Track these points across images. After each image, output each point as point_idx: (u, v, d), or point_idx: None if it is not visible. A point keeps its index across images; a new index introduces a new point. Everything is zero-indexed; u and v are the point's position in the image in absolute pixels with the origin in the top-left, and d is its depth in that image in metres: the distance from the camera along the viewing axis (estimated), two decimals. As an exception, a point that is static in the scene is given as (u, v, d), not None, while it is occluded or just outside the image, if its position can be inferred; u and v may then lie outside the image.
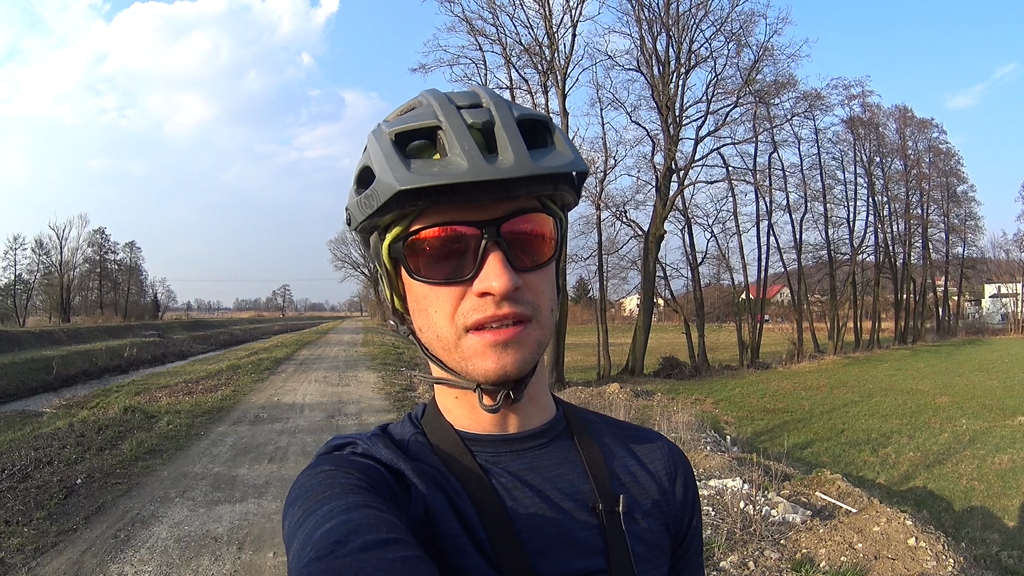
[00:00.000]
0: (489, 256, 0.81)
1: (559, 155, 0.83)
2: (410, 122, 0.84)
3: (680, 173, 33.71)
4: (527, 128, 0.85)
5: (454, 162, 0.79)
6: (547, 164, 0.81)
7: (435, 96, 0.86)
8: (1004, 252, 62.13)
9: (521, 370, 0.84)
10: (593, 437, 1.00)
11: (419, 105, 0.88)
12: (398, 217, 0.85)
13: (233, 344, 54.93)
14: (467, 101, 0.85)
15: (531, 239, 0.85)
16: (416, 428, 0.96)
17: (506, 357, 0.83)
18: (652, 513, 0.96)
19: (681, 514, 1.01)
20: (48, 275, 63.74)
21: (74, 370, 29.99)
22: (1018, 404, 19.85)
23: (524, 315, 0.83)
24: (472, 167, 0.77)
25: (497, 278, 0.80)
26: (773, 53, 33.62)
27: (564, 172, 0.82)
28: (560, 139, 0.86)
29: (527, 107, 0.89)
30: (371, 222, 0.86)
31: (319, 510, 0.74)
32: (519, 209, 0.84)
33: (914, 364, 33.94)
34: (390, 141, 0.82)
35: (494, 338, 0.82)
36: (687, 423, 13.84)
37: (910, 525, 6.54)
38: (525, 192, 0.82)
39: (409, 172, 0.79)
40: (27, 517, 6.63)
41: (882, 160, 44.55)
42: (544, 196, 0.87)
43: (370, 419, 12.63)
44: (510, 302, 0.82)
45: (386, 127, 0.85)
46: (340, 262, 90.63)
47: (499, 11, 30.73)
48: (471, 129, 0.81)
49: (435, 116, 0.83)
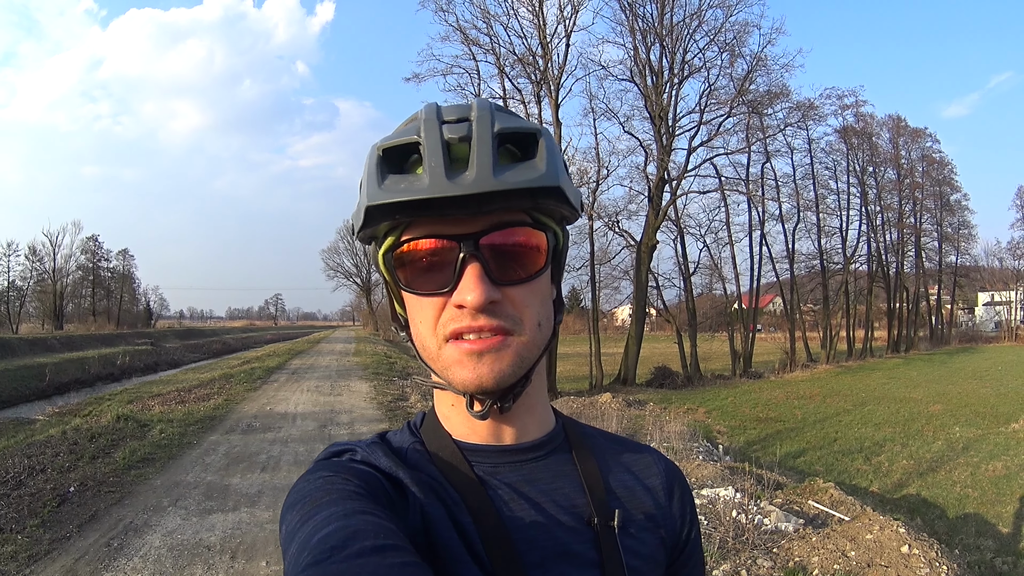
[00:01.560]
0: (467, 269, 0.82)
1: (529, 169, 0.83)
2: (396, 138, 0.87)
3: (673, 183, 33.76)
4: (514, 141, 0.87)
5: (421, 178, 0.81)
6: (509, 179, 0.80)
7: (427, 110, 0.87)
8: (998, 260, 62.46)
9: (499, 382, 0.85)
10: (591, 451, 1.01)
11: (414, 119, 0.89)
12: (391, 228, 0.87)
13: (225, 353, 54.76)
14: (455, 115, 0.86)
15: (515, 253, 0.86)
16: (415, 437, 0.97)
17: (482, 367, 0.84)
18: (648, 527, 0.97)
19: (678, 528, 1.02)
20: (41, 282, 63.30)
21: (67, 378, 29.86)
22: (1012, 411, 19.81)
23: (501, 328, 0.84)
24: (432, 184, 0.79)
25: (471, 291, 0.81)
26: (766, 63, 33.78)
27: (529, 187, 0.81)
28: (542, 152, 0.85)
29: (520, 119, 0.89)
30: (367, 233, 0.89)
31: (317, 515, 0.75)
32: (501, 223, 0.84)
33: (907, 372, 33.93)
34: (377, 157, 0.85)
35: (470, 347, 0.84)
36: (679, 432, 13.83)
37: (903, 533, 6.54)
38: (498, 207, 0.82)
39: (379, 189, 0.82)
40: (21, 525, 6.60)
41: (875, 169, 44.75)
42: (531, 210, 0.88)
43: (362, 428, 12.60)
44: (486, 315, 0.83)
45: (379, 142, 0.87)
46: (332, 271, 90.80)
47: (493, 21, 30.92)
48: (450, 144, 0.83)
49: (417, 132, 0.85)
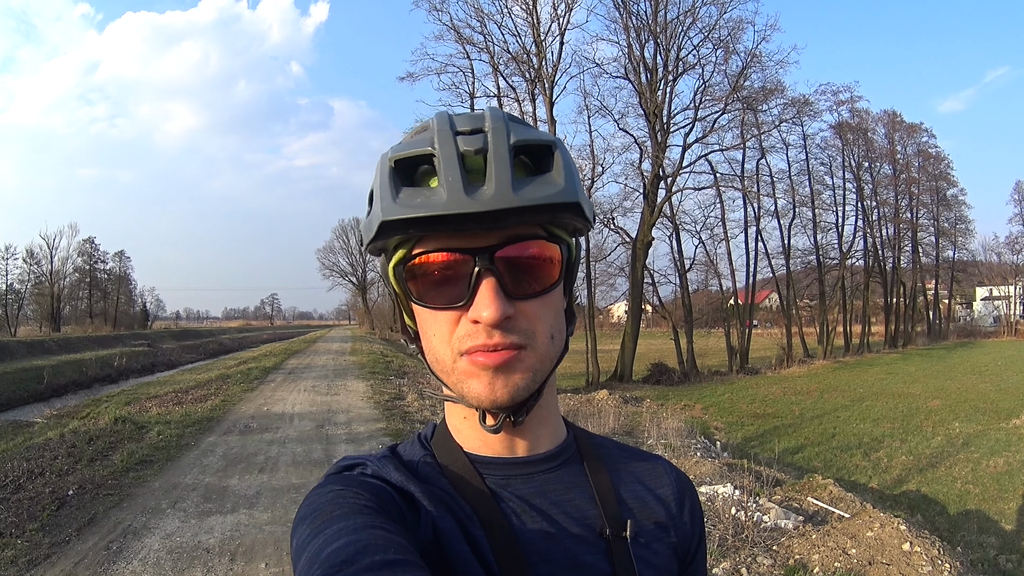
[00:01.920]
0: (482, 284, 0.81)
1: (548, 184, 0.82)
2: (408, 148, 0.85)
3: (668, 180, 33.92)
4: (529, 153, 0.86)
5: (438, 193, 0.79)
6: (529, 195, 0.79)
7: (439, 120, 0.86)
8: (995, 255, 62.79)
9: (513, 397, 0.84)
10: (603, 462, 1.00)
11: (426, 129, 0.88)
12: (402, 241, 0.86)
13: (222, 353, 54.67)
14: (469, 126, 0.84)
15: (530, 266, 0.85)
16: (426, 450, 0.97)
17: (496, 382, 0.83)
18: (660, 537, 0.97)
19: (689, 539, 1.02)
20: (39, 285, 63.19)
21: (64, 380, 29.79)
22: (1013, 407, 19.86)
23: (515, 343, 0.83)
24: (450, 200, 0.78)
25: (487, 307, 0.80)
26: (761, 60, 33.98)
27: (545, 204, 0.80)
28: (559, 165, 0.84)
29: (535, 130, 0.88)
30: (376, 245, 0.88)
31: (327, 529, 0.74)
32: (516, 236, 0.83)
33: (905, 368, 34.08)
34: (389, 168, 0.84)
35: (484, 361, 0.83)
36: (677, 429, 13.84)
37: (904, 530, 6.53)
38: (515, 222, 0.81)
39: (394, 203, 0.80)
40: (20, 529, 6.57)
41: (871, 165, 44.95)
42: (547, 224, 0.86)
43: (360, 428, 12.55)
44: (501, 331, 0.82)
45: (391, 152, 0.86)
46: (328, 271, 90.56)
47: (487, 19, 31.07)
48: (464, 157, 0.81)
49: (431, 143, 0.83)
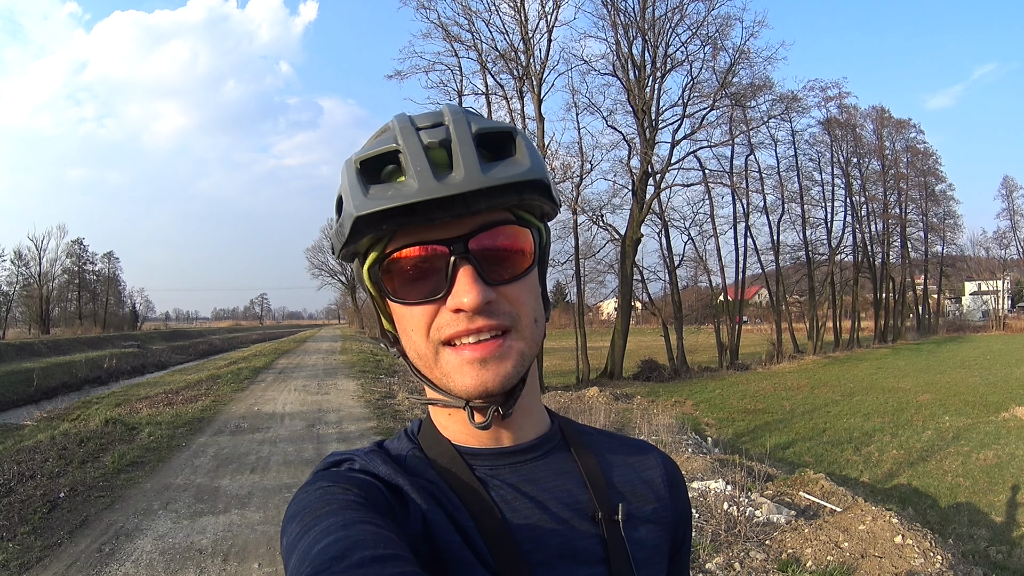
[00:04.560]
0: (459, 272, 0.82)
1: (514, 164, 0.83)
2: (372, 149, 0.86)
3: (656, 177, 33.97)
4: (491, 140, 0.86)
5: (408, 183, 0.80)
6: (497, 175, 0.81)
7: (399, 120, 0.87)
8: (984, 250, 63.20)
9: (504, 385, 0.84)
10: (589, 448, 1.00)
11: (386, 130, 0.89)
12: (373, 242, 0.86)
13: (212, 354, 54.61)
14: (429, 122, 0.85)
15: (504, 251, 0.86)
16: (413, 443, 0.97)
17: (486, 373, 0.83)
18: (651, 519, 0.98)
19: (678, 520, 1.03)
20: (27, 287, 62.79)
21: (54, 382, 29.73)
22: (1001, 400, 20.06)
23: (501, 326, 0.84)
24: (422, 187, 0.79)
25: (467, 293, 0.81)
26: (749, 56, 34.06)
27: (516, 182, 0.82)
28: (522, 148, 0.86)
29: (492, 120, 0.89)
30: (349, 249, 0.88)
31: (317, 526, 0.74)
32: (487, 223, 0.84)
33: (895, 362, 34.26)
34: (355, 170, 0.84)
35: (472, 354, 0.83)
36: (668, 425, 13.93)
37: (896, 523, 6.59)
38: (486, 205, 0.82)
39: (366, 198, 0.81)
40: (11, 532, 6.55)
41: (859, 161, 45.06)
42: (514, 207, 0.88)
43: (350, 427, 12.58)
44: (484, 315, 0.82)
45: (354, 156, 0.86)
46: (317, 270, 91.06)
47: (475, 17, 30.97)
48: (428, 149, 0.82)
49: (395, 140, 0.84)
